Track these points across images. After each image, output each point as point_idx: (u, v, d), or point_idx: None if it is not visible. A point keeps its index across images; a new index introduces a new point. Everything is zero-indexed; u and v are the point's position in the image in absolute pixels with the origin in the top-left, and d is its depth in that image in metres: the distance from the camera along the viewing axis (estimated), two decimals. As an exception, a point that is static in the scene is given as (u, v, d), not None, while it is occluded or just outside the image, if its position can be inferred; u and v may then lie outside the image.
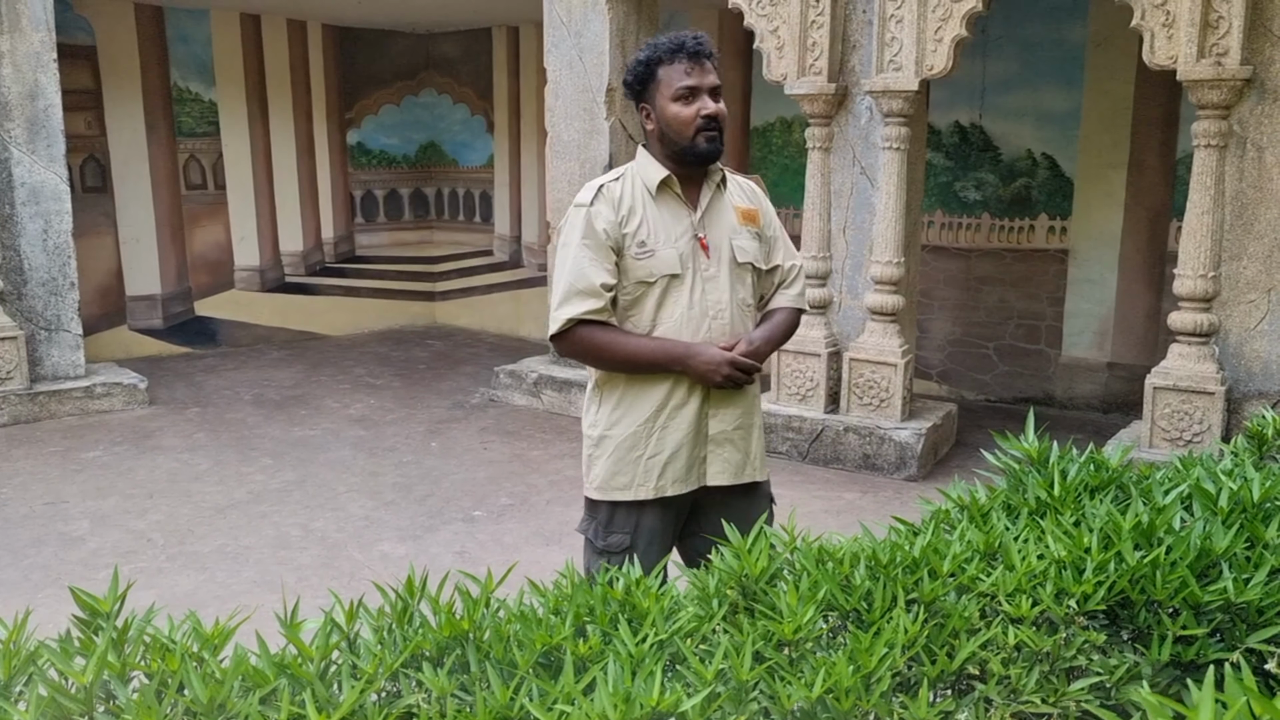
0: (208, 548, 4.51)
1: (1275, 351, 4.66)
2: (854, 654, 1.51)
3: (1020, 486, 2.19)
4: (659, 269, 2.48)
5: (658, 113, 2.50)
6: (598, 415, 2.59)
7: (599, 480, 2.58)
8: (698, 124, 2.45)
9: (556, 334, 2.49)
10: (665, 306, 2.51)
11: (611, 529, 2.58)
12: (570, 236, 2.47)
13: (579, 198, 2.51)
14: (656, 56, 2.49)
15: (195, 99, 8.29)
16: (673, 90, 2.46)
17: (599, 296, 2.44)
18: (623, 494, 2.55)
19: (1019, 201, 6.87)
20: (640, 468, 2.54)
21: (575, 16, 6.43)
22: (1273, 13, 4.48)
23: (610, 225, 2.46)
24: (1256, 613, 1.66)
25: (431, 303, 9.96)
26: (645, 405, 2.53)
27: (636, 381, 2.53)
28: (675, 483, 2.56)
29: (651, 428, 2.53)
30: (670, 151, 2.51)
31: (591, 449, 2.60)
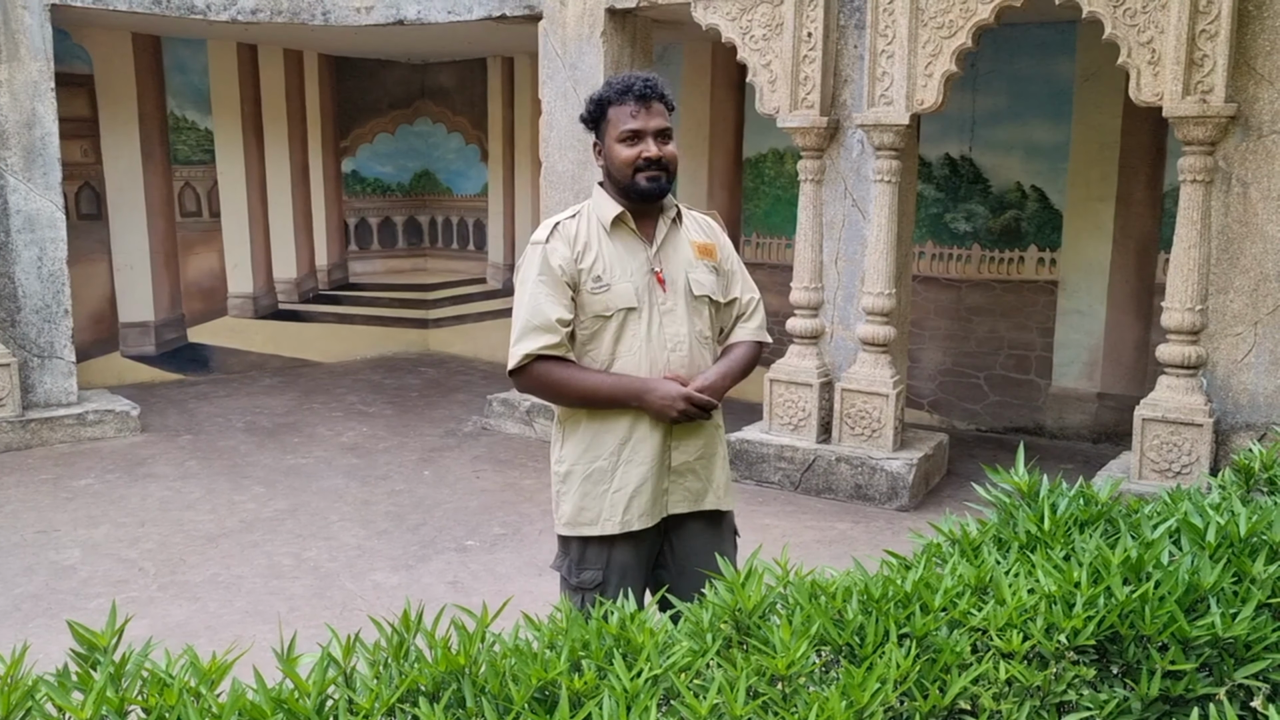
0: (200, 577, 4.50)
1: (1262, 384, 4.71)
2: (847, 689, 1.52)
3: (1011, 520, 2.21)
4: (615, 303, 2.51)
5: (605, 151, 2.57)
6: (563, 451, 2.60)
7: (567, 516, 2.59)
8: (637, 165, 2.50)
9: (515, 369, 2.52)
10: (623, 340, 2.53)
11: (584, 565, 2.58)
12: (527, 273, 2.51)
13: (535, 235, 2.55)
14: (607, 97, 2.55)
15: (191, 127, 8.33)
16: (619, 131, 2.52)
17: (555, 332, 2.47)
18: (590, 529, 2.56)
19: (1009, 233, 6.93)
20: (606, 502, 2.54)
21: (570, 49, 6.50)
22: (1256, 51, 4.56)
23: (565, 261, 2.49)
24: (1244, 647, 1.68)
25: (424, 330, 9.98)
26: (609, 439, 2.54)
27: (599, 416, 2.54)
28: (641, 516, 2.56)
29: (615, 461, 2.54)
30: (617, 189, 2.57)
31: (559, 485, 2.61)
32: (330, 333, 9.41)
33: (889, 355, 5.62)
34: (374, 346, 9.65)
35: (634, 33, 6.58)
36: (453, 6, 6.89)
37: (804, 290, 5.78)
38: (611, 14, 6.35)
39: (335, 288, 9.48)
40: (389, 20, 7.08)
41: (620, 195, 2.57)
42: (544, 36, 6.62)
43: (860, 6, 5.50)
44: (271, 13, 7.07)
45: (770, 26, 5.64)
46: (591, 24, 6.38)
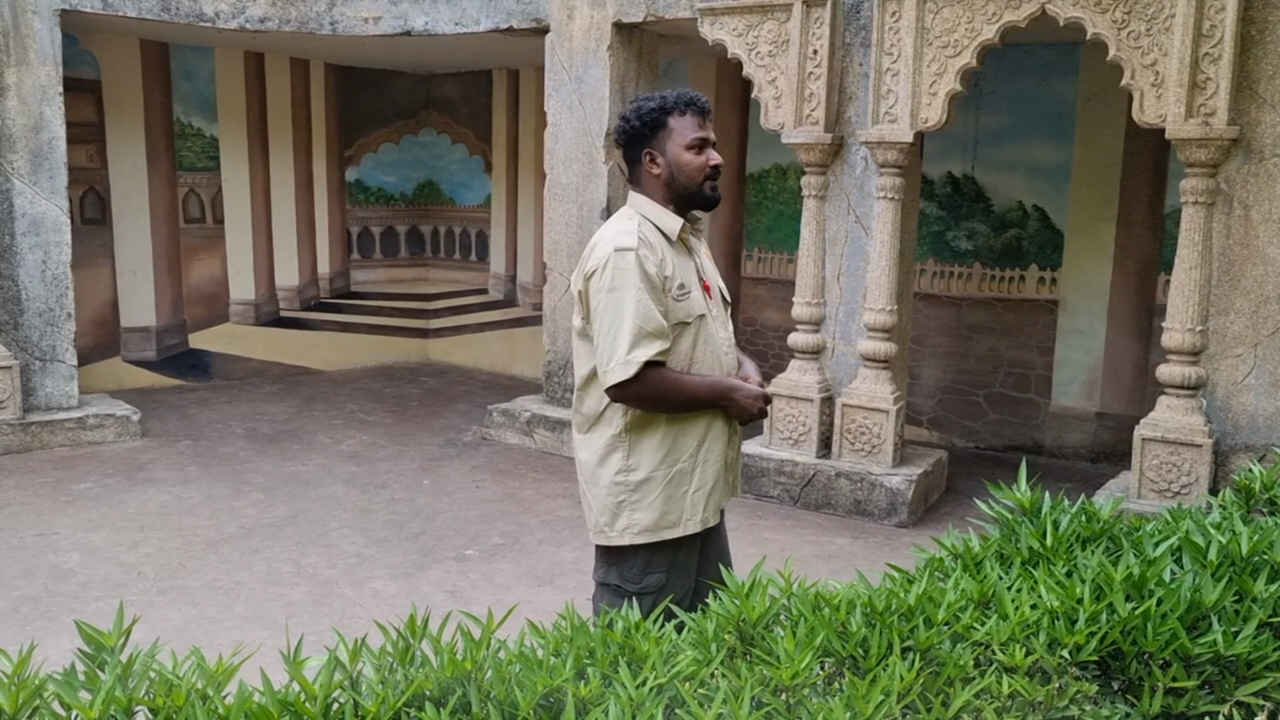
0: (199, 582, 4.50)
1: (1261, 405, 4.72)
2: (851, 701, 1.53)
3: (1013, 536, 2.22)
4: (694, 309, 2.60)
5: (669, 159, 2.62)
6: (632, 460, 2.60)
7: (646, 523, 2.59)
8: (706, 172, 2.62)
9: (627, 379, 2.48)
10: (698, 345, 2.62)
11: (649, 570, 2.63)
12: (623, 280, 2.49)
13: (620, 243, 2.52)
14: (668, 106, 2.63)
15: (197, 134, 8.36)
16: (686, 140, 2.61)
17: (665, 337, 2.52)
18: (671, 532, 2.60)
19: (1010, 252, 6.96)
20: (687, 503, 2.62)
21: (576, 62, 6.53)
22: (1258, 75, 4.59)
23: (656, 269, 2.54)
24: (1246, 666, 1.69)
25: (425, 340, 9.99)
26: (688, 442, 2.62)
27: (678, 420, 2.60)
28: (716, 512, 2.70)
29: (694, 462, 2.62)
30: (675, 196, 2.63)
31: (626, 494, 2.60)
32: (331, 341, 9.42)
33: (890, 371, 5.64)
34: (374, 355, 9.66)
35: (640, 47, 6.62)
36: (460, 18, 6.93)
37: (806, 305, 5.80)
38: (618, 28, 6.38)
39: (337, 296, 9.49)
40: (396, 31, 7.12)
41: (674, 203, 2.64)
42: (550, 50, 6.66)
43: (866, 24, 5.54)
44: (280, 21, 7.10)
45: (776, 43, 5.68)
46: (598, 38, 6.42)
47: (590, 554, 4.91)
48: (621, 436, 2.61)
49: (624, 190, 6.56)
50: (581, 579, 4.66)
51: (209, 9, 6.95)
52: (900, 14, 5.22)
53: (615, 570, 2.66)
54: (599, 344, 2.54)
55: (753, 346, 7.98)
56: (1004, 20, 4.99)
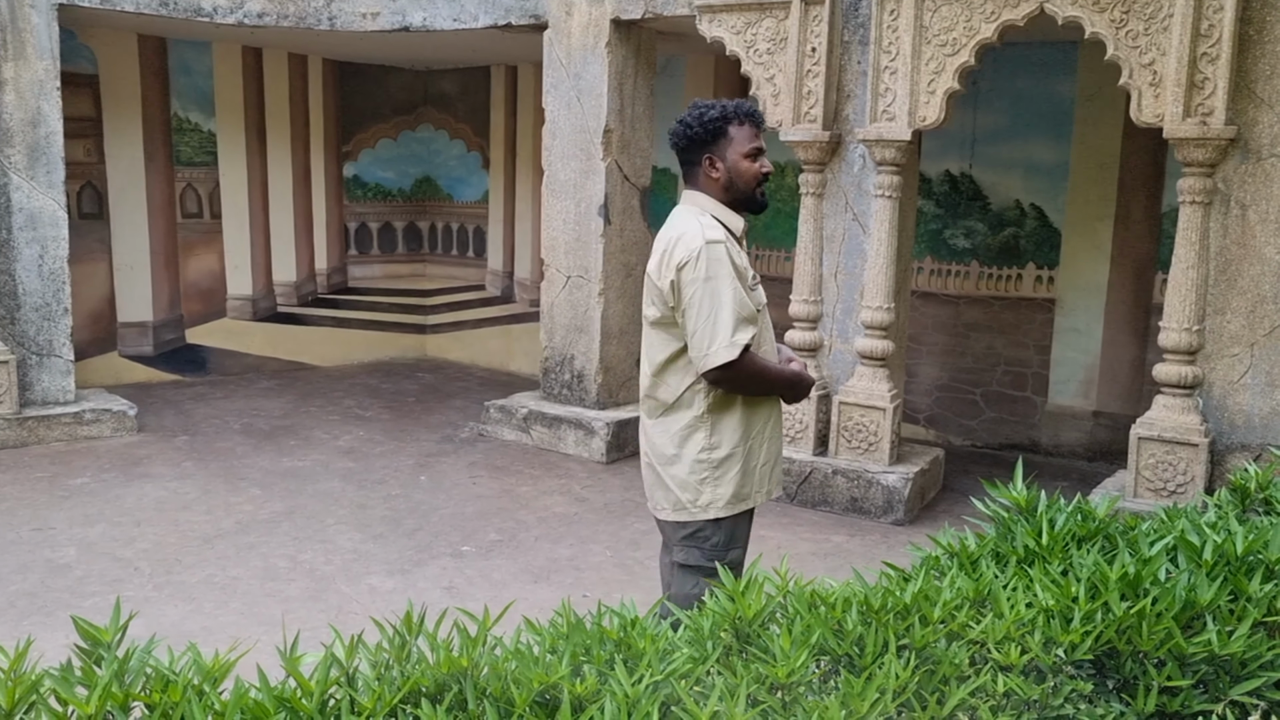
0: (195, 578, 4.50)
1: (1258, 405, 4.73)
2: (846, 699, 1.53)
3: (1009, 535, 2.23)
4: (760, 300, 2.85)
5: (728, 165, 2.83)
6: (714, 438, 2.83)
7: (726, 497, 2.83)
8: (759, 179, 2.85)
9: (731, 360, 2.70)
10: (762, 333, 2.84)
11: (733, 543, 2.88)
12: (718, 270, 2.70)
13: (711, 235, 2.73)
14: (729, 115, 2.83)
15: (195, 129, 8.35)
16: (744, 149, 2.82)
17: (755, 323, 2.78)
18: (745, 504, 2.87)
19: (1007, 250, 6.96)
20: (757, 476, 2.89)
21: (575, 59, 6.53)
22: (1256, 75, 4.59)
23: (740, 260, 2.78)
24: (1240, 665, 1.69)
25: (422, 336, 9.98)
26: (757, 421, 2.86)
27: (750, 401, 2.84)
28: (777, 484, 2.98)
29: (762, 438, 2.88)
30: (730, 199, 2.86)
31: (709, 471, 2.83)
32: (328, 336, 9.41)
33: (887, 369, 5.64)
34: (372, 351, 9.66)
35: (639, 44, 6.62)
36: (458, 14, 6.92)
37: (803, 303, 5.80)
38: (617, 25, 6.38)
39: (334, 292, 9.49)
40: (394, 26, 7.11)
41: (730, 205, 2.86)
42: (549, 46, 6.65)
43: (864, 22, 5.54)
44: (278, 16, 7.09)
45: (774, 41, 5.68)
46: (596, 35, 6.42)
47: (586, 551, 4.93)
48: (704, 417, 2.83)
49: (622, 186, 6.59)
50: (578, 575, 4.67)
51: (207, 4, 6.93)
52: (899, 12, 5.22)
53: (696, 550, 2.86)
54: (695, 330, 2.72)
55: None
56: (1002, 19, 4.99)
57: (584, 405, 6.75)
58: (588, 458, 6.50)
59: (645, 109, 6.78)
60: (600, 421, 6.50)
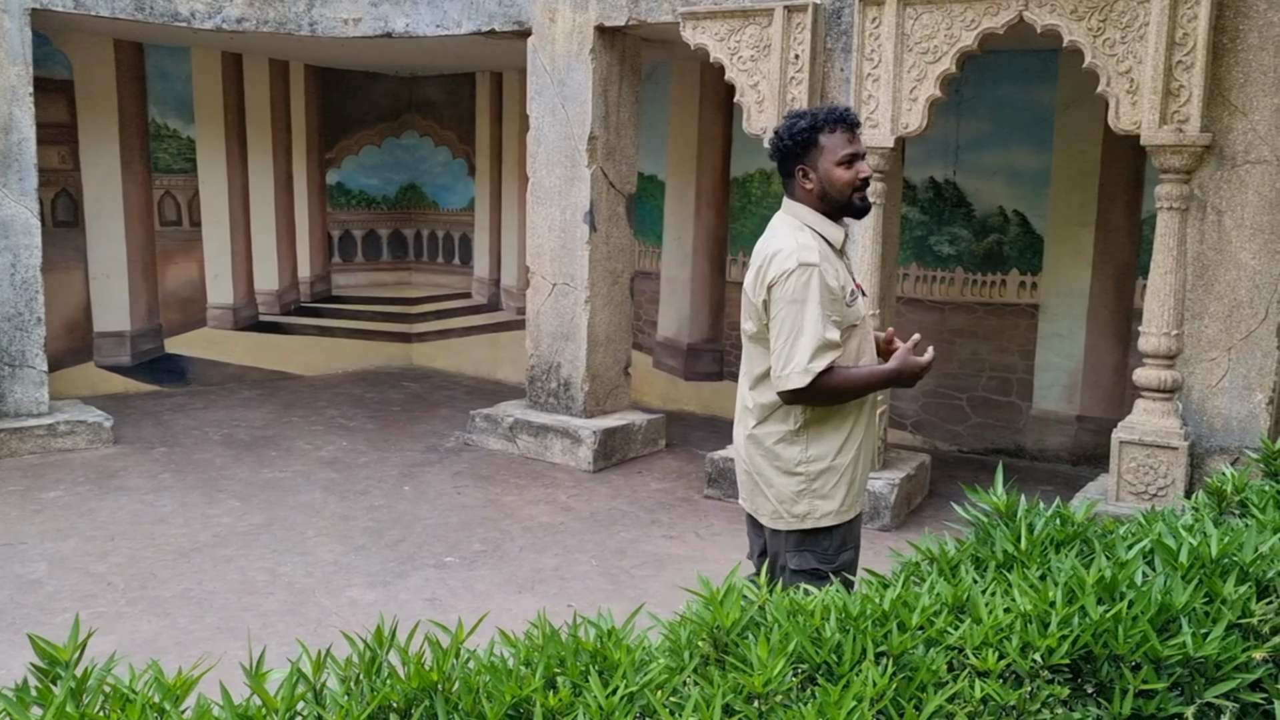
0: (170, 592, 4.45)
1: (1235, 409, 4.75)
2: (823, 708, 1.52)
3: (988, 540, 2.22)
4: (861, 312, 2.87)
5: (821, 174, 2.81)
6: (811, 451, 2.86)
7: (828, 509, 2.86)
8: (856, 185, 2.81)
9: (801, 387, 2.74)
10: (862, 343, 2.89)
11: (845, 548, 2.91)
12: (806, 294, 2.72)
13: (805, 258, 2.73)
14: (819, 124, 2.80)
15: (173, 135, 8.30)
16: (837, 156, 2.79)
17: (837, 348, 2.77)
18: (851, 512, 2.90)
19: (991, 257, 6.98)
20: (857, 485, 2.92)
21: (559, 65, 6.52)
22: (1230, 83, 4.62)
23: (835, 281, 2.77)
24: (1215, 667, 1.69)
25: (408, 344, 9.94)
26: (858, 433, 2.90)
27: (847, 415, 2.87)
28: (865, 490, 3.02)
29: (858, 450, 2.91)
30: (828, 208, 2.84)
31: (809, 483, 2.86)
32: (311, 345, 9.36)
33: (870, 376, 5.63)
34: (356, 360, 9.61)
35: (623, 51, 6.62)
36: (441, 20, 6.90)
37: (786, 310, 5.79)
38: (601, 32, 6.38)
39: (318, 300, 9.44)
40: (377, 32, 7.09)
41: (829, 214, 2.85)
42: (533, 53, 6.64)
43: (847, 30, 5.55)
44: (257, 22, 7.06)
45: (758, 48, 5.68)
46: (580, 41, 6.41)
47: (572, 561, 4.90)
48: (800, 431, 2.86)
49: (607, 193, 6.58)
50: (563, 585, 4.64)
51: (184, 9, 6.90)
52: (881, 20, 5.23)
53: (810, 555, 2.89)
54: (776, 349, 2.77)
55: (737, 351, 7.98)
56: (983, 27, 5.01)
57: (571, 414, 6.72)
58: (574, 466, 6.47)
59: (630, 116, 6.78)
60: (587, 430, 6.48)
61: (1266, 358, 4.68)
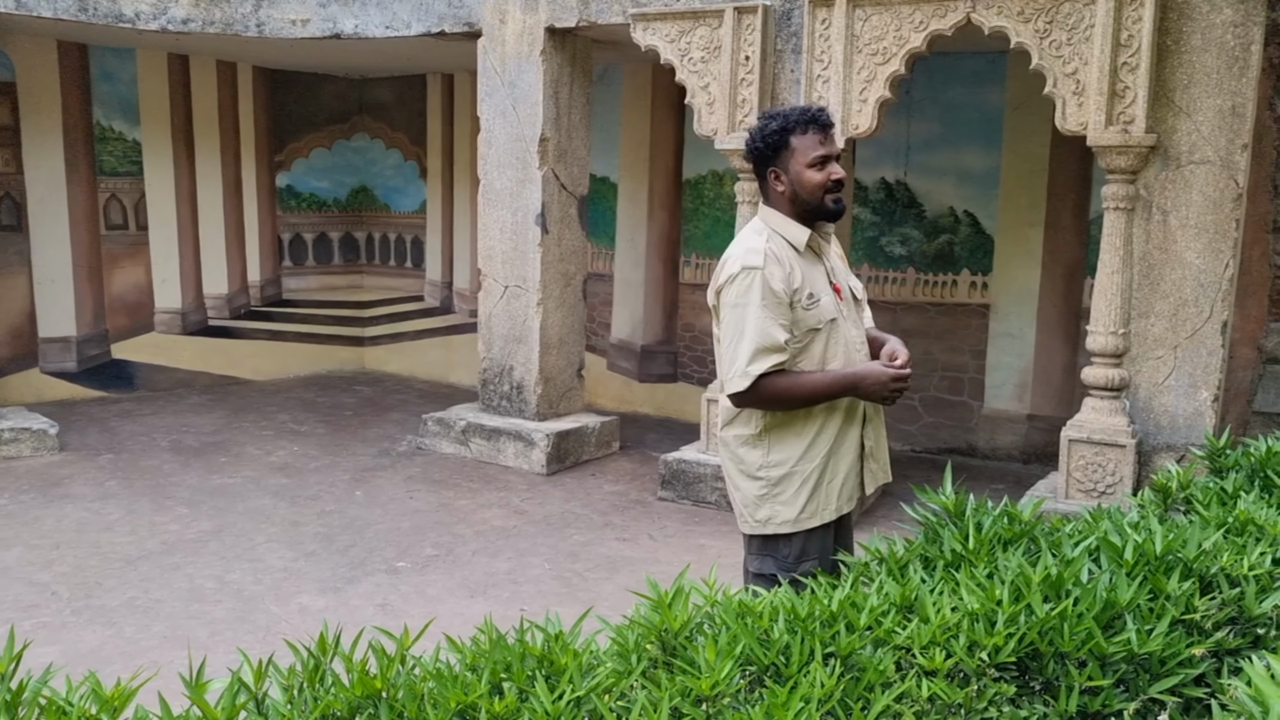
0: (116, 601, 4.35)
1: (1181, 406, 4.83)
2: (771, 709, 1.51)
3: (937, 539, 2.23)
4: (824, 315, 2.77)
5: (791, 176, 2.76)
6: (772, 456, 2.80)
7: (788, 516, 2.79)
8: (827, 186, 2.75)
9: (741, 390, 2.70)
10: (830, 347, 2.79)
11: (804, 558, 2.82)
12: (748, 298, 2.68)
13: (749, 261, 2.70)
14: (789, 126, 2.75)
15: (118, 138, 8.14)
16: (808, 158, 2.73)
17: (782, 352, 2.70)
18: (811, 521, 2.80)
19: (942, 257, 7.05)
20: (823, 494, 2.81)
21: (509, 67, 6.48)
22: (1174, 84, 4.70)
23: (783, 282, 2.70)
24: (1159, 663, 1.70)
25: (360, 348, 9.84)
26: (825, 439, 2.79)
27: (813, 419, 2.78)
28: (848, 500, 2.88)
29: (830, 456, 2.81)
30: (800, 211, 2.78)
31: (768, 488, 2.80)
32: (262, 350, 9.23)
33: (823, 376, 5.66)
34: (307, 364, 9.49)
35: (574, 52, 6.59)
36: (390, 21, 6.84)
37: (740, 311, 5.80)
38: (551, 33, 6.35)
39: (268, 304, 9.31)
40: (325, 34, 7.00)
41: (801, 217, 2.79)
42: (483, 54, 6.60)
43: (797, 31, 5.57)
44: (204, 23, 6.95)
45: (708, 49, 5.69)
46: (531, 43, 6.38)
47: (525, 564, 4.87)
48: (761, 435, 2.81)
49: (559, 195, 6.56)
50: (516, 589, 4.61)
51: (129, 10, 6.77)
52: (830, 21, 5.26)
53: (771, 560, 2.84)
54: (721, 354, 2.76)
55: (691, 352, 7.99)
56: (931, 29, 5.05)
57: (524, 416, 6.69)
58: (528, 470, 6.44)
59: (582, 117, 6.76)
60: (540, 433, 6.45)
61: (1211, 356, 4.76)
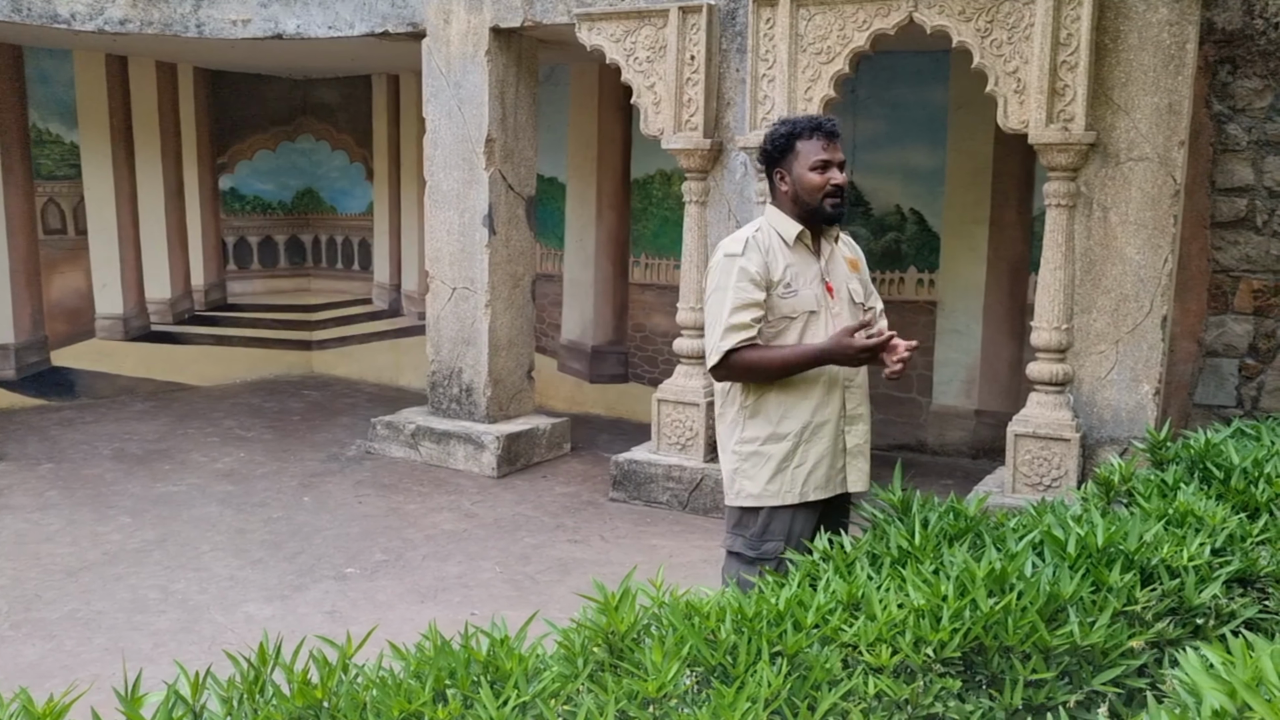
0: (56, 614, 4.24)
1: (1124, 400, 4.91)
2: (717, 710, 1.50)
3: (884, 536, 2.24)
4: (801, 306, 2.94)
5: (794, 178, 2.96)
6: (745, 433, 3.00)
7: (752, 490, 2.99)
8: (826, 190, 2.93)
9: (714, 364, 2.92)
10: (805, 338, 2.95)
11: (766, 537, 2.99)
12: (727, 281, 2.90)
13: (729, 249, 2.94)
14: (797, 131, 2.96)
15: (56, 141, 7.95)
16: (810, 162, 2.93)
17: (750, 328, 2.89)
18: (773, 500, 2.97)
19: (889, 255, 7.11)
20: (789, 476, 2.97)
21: (455, 67, 6.43)
22: (1113, 82, 4.78)
23: (759, 268, 2.90)
24: (1101, 654, 1.72)
25: (308, 352, 9.70)
26: (794, 424, 2.96)
27: (786, 402, 2.96)
28: (816, 489, 2.99)
29: (798, 442, 2.96)
30: (801, 211, 2.97)
31: (739, 463, 3.01)
32: (207, 355, 9.06)
33: (774, 374, 5.68)
34: (254, 369, 9.34)
35: (519, 52, 6.56)
36: (333, 22, 6.75)
37: (690, 310, 5.81)
38: (496, 33, 6.31)
39: (213, 308, 9.14)
40: (267, 34, 6.89)
41: (800, 217, 2.98)
42: (428, 55, 6.54)
43: (741, 31, 5.59)
44: (141, 24, 6.81)
45: (654, 49, 5.68)
46: (476, 43, 6.33)
47: (475, 568, 4.83)
48: (740, 413, 3.02)
49: (506, 196, 6.52)
50: (466, 593, 4.57)
51: (64, 10, 6.61)
52: (775, 21, 5.28)
53: (739, 538, 3.03)
54: (706, 334, 2.98)
55: (642, 353, 7.98)
56: (874, 28, 5.09)
57: (473, 419, 6.63)
58: (478, 473, 6.39)
59: (528, 118, 6.72)
60: (490, 435, 6.40)
61: (1152, 350, 4.85)
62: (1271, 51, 5.50)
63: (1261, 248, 5.60)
